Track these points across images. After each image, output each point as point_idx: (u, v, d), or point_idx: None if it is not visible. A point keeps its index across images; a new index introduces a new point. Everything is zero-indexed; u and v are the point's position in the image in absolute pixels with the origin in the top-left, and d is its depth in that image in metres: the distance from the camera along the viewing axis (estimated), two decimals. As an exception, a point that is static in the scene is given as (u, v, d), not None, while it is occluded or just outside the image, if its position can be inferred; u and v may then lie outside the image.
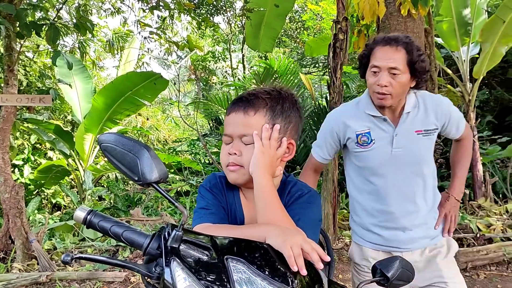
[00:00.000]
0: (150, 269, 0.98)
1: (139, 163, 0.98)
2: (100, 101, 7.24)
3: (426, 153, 2.00)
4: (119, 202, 6.90)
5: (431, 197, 2.05)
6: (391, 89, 1.86)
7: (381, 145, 1.98)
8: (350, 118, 2.05)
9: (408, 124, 1.96)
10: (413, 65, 1.85)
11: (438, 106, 1.98)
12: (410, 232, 2.01)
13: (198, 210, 1.33)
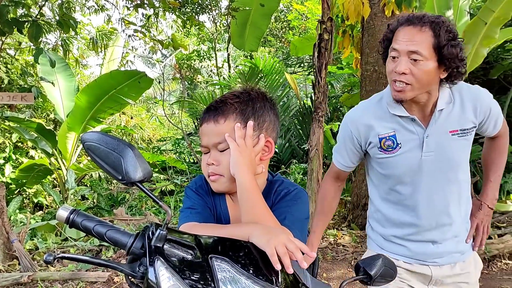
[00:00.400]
0: (133, 269, 0.98)
1: (123, 162, 0.97)
2: (84, 100, 7.16)
3: (463, 156, 1.72)
4: (103, 201, 6.84)
5: (465, 206, 1.80)
6: (411, 78, 1.54)
7: (409, 150, 1.70)
8: (371, 119, 1.76)
9: (441, 123, 1.66)
10: (440, 50, 1.51)
11: (477, 100, 1.68)
12: (439, 245, 1.77)
13: (184, 210, 1.33)
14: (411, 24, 1.55)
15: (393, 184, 1.78)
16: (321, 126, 4.82)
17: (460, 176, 1.73)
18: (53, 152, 7.66)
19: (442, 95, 1.66)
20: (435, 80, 1.58)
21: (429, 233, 1.76)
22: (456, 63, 1.54)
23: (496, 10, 5.65)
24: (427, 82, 1.56)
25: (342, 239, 5.25)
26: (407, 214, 1.78)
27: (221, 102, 1.27)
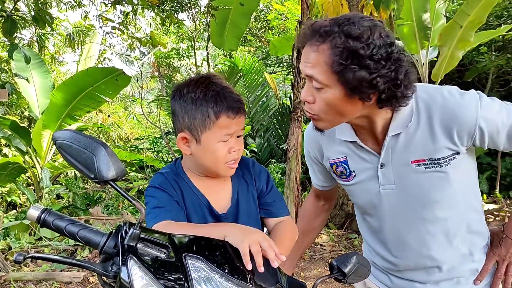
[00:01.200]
0: (106, 268, 0.96)
1: (96, 161, 0.96)
2: (59, 97, 7.03)
3: (443, 193, 1.31)
4: (78, 200, 6.73)
5: (464, 243, 1.41)
6: (316, 108, 1.23)
7: (365, 180, 1.40)
8: (322, 142, 1.50)
9: (399, 151, 1.30)
10: (341, 75, 1.12)
11: (452, 118, 1.23)
12: (429, 285, 1.46)
13: (151, 210, 1.29)
14: (309, 39, 1.18)
15: (362, 212, 1.54)
16: (300, 126, 4.84)
17: (444, 214, 1.35)
18: (27, 150, 7.50)
19: (399, 115, 1.27)
20: (353, 110, 1.21)
21: (411, 273, 1.47)
22: (365, 91, 1.13)
23: (471, 14, 5.78)
24: (338, 113, 1.21)
25: (320, 238, 5.28)
26: (381, 248, 1.51)
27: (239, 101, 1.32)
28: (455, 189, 1.32)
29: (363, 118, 1.28)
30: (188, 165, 1.41)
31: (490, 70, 7.95)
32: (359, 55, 1.08)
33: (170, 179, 1.38)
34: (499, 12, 8.17)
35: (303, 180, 7.30)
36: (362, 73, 1.09)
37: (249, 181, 1.47)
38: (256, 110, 8.88)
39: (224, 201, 1.41)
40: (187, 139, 1.33)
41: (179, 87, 1.34)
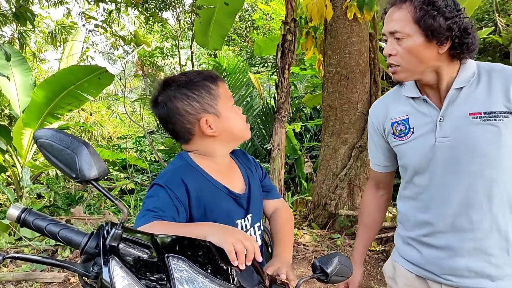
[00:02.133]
0: (87, 269, 0.96)
1: (77, 160, 0.95)
2: (40, 95, 6.93)
3: (491, 147, 1.39)
4: (59, 200, 6.65)
5: (505, 216, 1.44)
6: (398, 59, 1.43)
7: (422, 135, 1.50)
8: (388, 104, 1.65)
9: (459, 104, 1.43)
10: (419, 22, 1.37)
11: (510, 76, 1.41)
12: (457, 258, 1.48)
13: (145, 212, 1.26)
14: (393, 5, 1.44)
15: (410, 176, 1.59)
16: (284, 126, 4.86)
17: (488, 173, 1.41)
18: (7, 149, 7.38)
19: (463, 72, 1.45)
20: (429, 56, 1.41)
21: (444, 236, 1.50)
22: (442, 32, 1.35)
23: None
24: (418, 59, 1.41)
25: (303, 238, 5.30)
26: (422, 210, 1.57)
27: None
28: (504, 149, 1.40)
29: (433, 73, 1.45)
30: (204, 152, 1.44)
31: (471, 73, 8.08)
32: (437, 5, 1.35)
33: (181, 173, 1.37)
34: (480, 15, 8.31)
35: (286, 180, 7.33)
36: (440, 18, 1.34)
37: (252, 169, 1.59)
38: (241, 110, 8.90)
39: (239, 185, 1.48)
40: (207, 122, 1.37)
41: (160, 94, 1.40)
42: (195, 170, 1.40)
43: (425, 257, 1.56)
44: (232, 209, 1.41)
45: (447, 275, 1.50)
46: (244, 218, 1.44)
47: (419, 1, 1.36)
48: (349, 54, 5.24)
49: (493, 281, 1.44)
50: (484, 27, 7.72)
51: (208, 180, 1.39)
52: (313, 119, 8.82)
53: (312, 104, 8.97)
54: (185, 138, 1.42)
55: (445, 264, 1.50)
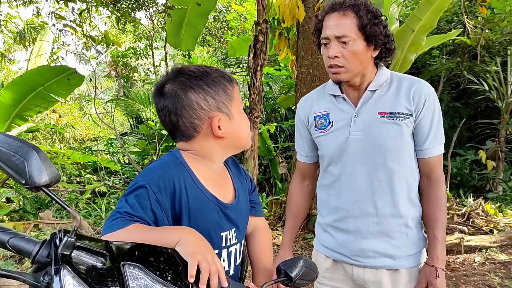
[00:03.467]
0: (38, 279, 0.92)
1: (27, 166, 0.91)
2: (8, 97, 6.76)
3: (395, 143, 1.61)
4: (28, 204, 6.49)
5: (405, 205, 1.66)
6: (343, 61, 1.59)
7: (339, 128, 1.69)
8: (313, 100, 1.84)
9: (371, 104, 1.65)
10: (364, 29, 1.55)
11: (414, 85, 1.63)
12: (364, 240, 1.67)
13: (117, 213, 1.14)
14: (335, 11, 1.60)
15: (326, 165, 1.78)
16: (257, 127, 4.85)
17: (391, 165, 1.62)
18: (-27, 152, 7.18)
19: (378, 77, 1.67)
20: (367, 59, 1.61)
21: (353, 221, 1.69)
22: (382, 39, 1.58)
23: (423, 18, 5.95)
24: (359, 61, 1.59)
25: (277, 239, 5.30)
26: (335, 197, 1.74)
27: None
28: (405, 145, 1.62)
29: (360, 77, 1.65)
30: (204, 154, 1.31)
31: (442, 73, 8.23)
32: (377, 15, 1.57)
33: (170, 173, 1.22)
34: (449, 17, 8.47)
35: (261, 181, 7.33)
36: (380, 26, 1.56)
37: (241, 178, 1.48)
38: (215, 110, 8.85)
39: (229, 196, 1.37)
40: (220, 121, 1.26)
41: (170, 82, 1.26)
42: (187, 173, 1.26)
43: (338, 241, 1.74)
44: (218, 220, 1.29)
45: (356, 256, 1.69)
46: (229, 231, 1.33)
47: (363, 10, 1.56)
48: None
49: (394, 260, 1.65)
50: (453, 28, 7.87)
51: (197, 186, 1.26)
52: (288, 120, 8.83)
53: (286, 105, 8.99)
54: (187, 135, 1.27)
55: (354, 246, 1.69)
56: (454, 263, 4.72)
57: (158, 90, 1.28)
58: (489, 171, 7.34)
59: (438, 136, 1.65)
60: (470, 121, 8.55)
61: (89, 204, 6.69)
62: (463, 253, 4.90)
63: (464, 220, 5.64)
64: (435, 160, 1.67)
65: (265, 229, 1.58)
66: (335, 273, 1.80)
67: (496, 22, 7.06)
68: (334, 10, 1.61)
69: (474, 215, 5.72)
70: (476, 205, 6.02)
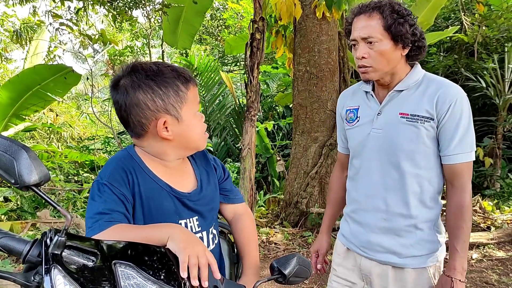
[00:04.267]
0: (28, 278, 0.91)
1: (16, 165, 0.90)
2: (4, 96, 6.73)
3: (409, 144, 1.63)
4: (26, 203, 6.46)
5: (416, 206, 1.68)
6: (370, 61, 1.64)
7: (363, 123, 1.77)
8: (349, 96, 1.92)
9: (395, 104, 1.68)
10: (390, 29, 1.59)
11: (441, 88, 1.61)
12: (372, 234, 1.74)
13: (94, 216, 1.17)
14: (361, 13, 1.65)
15: (351, 157, 1.87)
16: (254, 125, 4.84)
17: (404, 166, 1.65)
18: (-30, 152, 7.17)
19: (408, 78, 1.68)
20: (395, 58, 1.64)
21: (364, 214, 1.77)
22: (408, 37, 1.60)
23: (420, 15, 5.94)
24: (387, 61, 1.63)
25: (274, 237, 5.30)
26: (354, 189, 1.83)
27: None
28: (421, 148, 1.63)
29: (389, 75, 1.68)
30: (154, 153, 1.33)
31: (439, 70, 8.22)
32: (402, 14, 1.60)
33: (123, 167, 1.28)
34: (446, 14, 8.47)
35: (259, 179, 7.33)
36: (406, 25, 1.59)
37: (208, 169, 1.48)
38: (213, 109, 8.84)
39: (188, 185, 1.39)
40: (165, 123, 1.25)
41: (124, 77, 1.26)
42: (137, 165, 1.30)
43: (352, 231, 1.84)
44: (174, 208, 1.31)
45: (364, 248, 1.77)
46: (189, 219, 1.35)
47: (387, 11, 1.59)
48: (319, 52, 5.26)
49: (400, 258, 1.69)
50: (451, 25, 7.87)
51: (149, 176, 1.30)
52: (285, 118, 8.83)
53: (283, 103, 8.98)
54: (136, 133, 1.29)
55: (363, 238, 1.77)
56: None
57: (113, 84, 1.29)
58: (487, 168, 7.34)
59: (465, 142, 1.60)
60: (468, 118, 8.55)
61: (86, 203, 6.67)
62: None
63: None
64: (460, 167, 1.62)
65: (245, 214, 1.58)
66: (346, 260, 1.89)
67: (493, 19, 7.07)
68: (360, 12, 1.66)
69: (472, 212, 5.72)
70: (473, 202, 6.02)
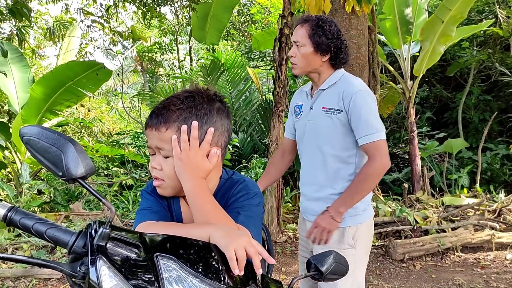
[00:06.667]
0: (74, 269, 0.93)
1: (64, 158, 0.92)
2: (39, 91, 6.89)
3: (329, 132, 2.09)
4: (59, 196, 6.63)
5: (337, 180, 2.12)
6: (295, 59, 2.14)
7: (303, 116, 2.24)
8: (297, 94, 2.39)
9: (320, 100, 2.16)
10: (313, 38, 2.07)
11: (345, 86, 2.08)
12: (311, 203, 2.21)
13: (139, 211, 1.29)
14: (298, 23, 2.17)
15: (298, 143, 2.33)
16: (281, 120, 4.83)
17: (325, 148, 2.12)
18: (6, 145, 7.36)
19: (330, 79, 2.15)
20: (315, 61, 2.12)
21: (305, 187, 2.27)
22: (324, 48, 2.08)
23: (453, 9, 5.81)
24: (307, 62, 2.12)
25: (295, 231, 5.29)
26: (301, 169, 2.30)
27: (163, 109, 1.23)
28: (336, 134, 2.09)
29: (317, 74, 2.17)
30: None
31: (472, 65, 8.02)
32: (323, 28, 2.08)
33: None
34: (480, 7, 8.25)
35: (285, 175, 7.30)
36: (323, 37, 2.07)
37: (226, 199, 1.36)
38: (239, 105, 8.84)
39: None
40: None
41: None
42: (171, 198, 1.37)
43: (301, 202, 2.32)
44: None
45: (307, 214, 2.26)
46: None
47: (313, 24, 2.09)
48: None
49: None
50: (485, 19, 7.67)
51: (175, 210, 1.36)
52: (312, 114, 8.76)
53: (311, 98, 8.91)
54: None
55: (305, 206, 2.27)
56: (485, 260, 4.62)
57: None
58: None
59: (364, 126, 2.01)
60: (501, 114, 8.33)
61: (116, 196, 6.79)
62: (494, 250, 4.80)
63: (495, 216, 5.52)
64: (368, 146, 2.03)
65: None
66: (303, 226, 2.34)
67: (530, 12, 6.85)
68: (298, 22, 2.18)
69: (506, 211, 5.59)
70: (507, 201, 5.88)
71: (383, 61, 7.01)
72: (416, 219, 5.28)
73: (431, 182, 7.22)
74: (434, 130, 8.65)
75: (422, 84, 9.07)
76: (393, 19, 6.71)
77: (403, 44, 6.94)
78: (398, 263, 4.59)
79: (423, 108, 9.26)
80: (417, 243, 4.71)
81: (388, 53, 8.19)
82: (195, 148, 1.21)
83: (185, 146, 1.19)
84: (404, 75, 7.04)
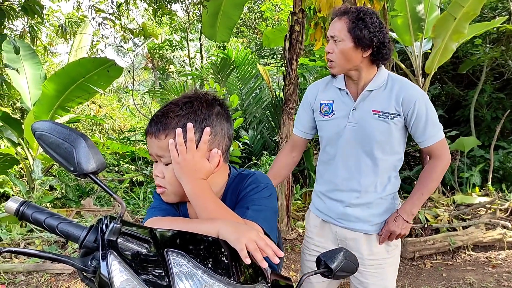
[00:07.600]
0: (85, 263, 0.94)
1: (75, 153, 0.93)
2: (51, 88, 6.95)
3: (381, 136, 1.95)
4: (70, 192, 6.69)
5: (383, 184, 2.03)
6: (334, 56, 1.94)
7: (339, 117, 2.04)
8: (320, 88, 2.17)
9: (367, 101, 1.97)
10: (353, 32, 1.87)
11: (403, 90, 1.93)
12: (348, 208, 2.05)
13: (150, 209, 1.32)
14: (335, 16, 1.97)
15: (325, 145, 2.15)
16: (291, 118, 4.82)
17: (376, 153, 1.98)
18: (19, 142, 7.44)
19: (377, 78, 1.98)
20: (355, 58, 1.93)
21: (340, 193, 2.07)
22: (366, 42, 1.87)
23: (465, 6, 5.74)
24: (347, 58, 1.93)
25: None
26: (330, 171, 2.12)
27: (162, 116, 1.23)
28: (391, 139, 1.97)
29: (356, 72, 1.98)
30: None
31: (485, 63, 7.93)
32: (365, 21, 1.87)
33: None
34: (493, 4, 8.15)
35: (295, 172, 7.30)
36: (364, 31, 1.86)
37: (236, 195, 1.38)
38: (249, 102, 8.84)
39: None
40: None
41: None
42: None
43: (328, 206, 2.13)
44: None
45: (341, 219, 2.09)
46: None
47: (353, 17, 1.88)
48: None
49: (371, 226, 2.05)
50: (498, 16, 7.57)
51: (180, 208, 1.39)
52: (323, 111, 8.72)
53: (321, 96, 8.88)
54: None
55: (339, 211, 2.08)
56: (496, 259, 4.58)
57: None
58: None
59: (432, 127, 1.95)
60: (514, 112, 8.22)
61: (127, 193, 6.84)
62: (505, 249, 4.75)
63: (507, 215, 5.47)
64: (437, 147, 1.98)
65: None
66: (322, 230, 2.19)
67: (544, 9, 6.75)
68: (335, 15, 1.98)
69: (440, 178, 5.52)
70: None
71: (394, 59, 6.95)
72: (427, 217, 5.25)
73: (443, 180, 7.16)
74: (446, 128, 8.52)
75: (434, 81, 8.99)
76: (405, 16, 6.65)
77: (414, 41, 6.88)
78: (408, 261, 4.57)
79: (434, 106, 9.18)
80: (428, 241, 4.68)
81: (400, 51, 8.12)
82: (192, 150, 1.20)
83: (181, 149, 1.19)
84: (416, 72, 6.98)
